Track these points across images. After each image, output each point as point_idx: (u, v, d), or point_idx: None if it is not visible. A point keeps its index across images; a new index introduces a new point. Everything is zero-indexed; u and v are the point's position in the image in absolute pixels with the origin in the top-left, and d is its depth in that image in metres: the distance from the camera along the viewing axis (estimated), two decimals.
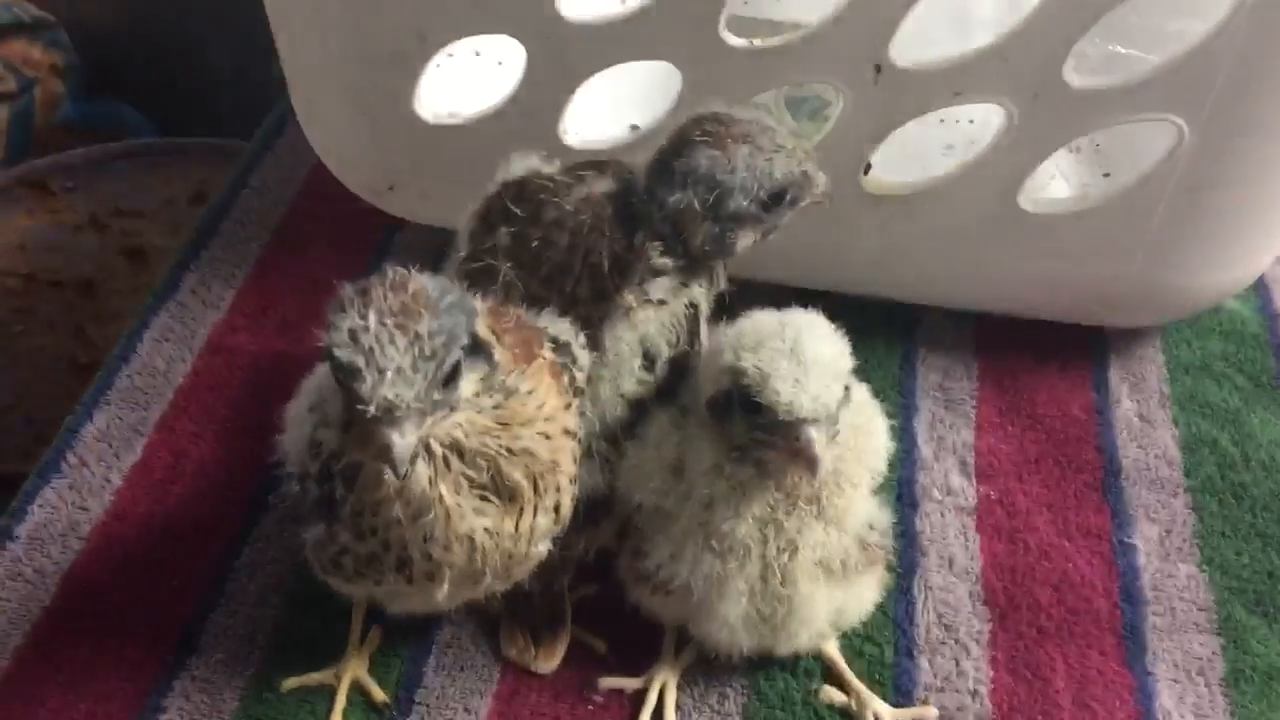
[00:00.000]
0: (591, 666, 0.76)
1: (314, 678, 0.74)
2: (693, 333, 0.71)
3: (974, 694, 0.75)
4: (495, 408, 0.59)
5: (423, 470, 0.58)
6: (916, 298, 0.97)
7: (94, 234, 1.49)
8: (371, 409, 0.52)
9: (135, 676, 0.75)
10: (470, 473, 0.59)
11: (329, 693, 0.74)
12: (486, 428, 0.59)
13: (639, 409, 0.70)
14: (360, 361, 0.52)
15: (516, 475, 0.61)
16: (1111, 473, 0.88)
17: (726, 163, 0.69)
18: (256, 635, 0.77)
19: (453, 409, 0.57)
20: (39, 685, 0.74)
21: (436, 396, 0.55)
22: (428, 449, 0.58)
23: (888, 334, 0.97)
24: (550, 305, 0.68)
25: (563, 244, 0.69)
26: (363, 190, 0.98)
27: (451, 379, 0.55)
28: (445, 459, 0.58)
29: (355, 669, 0.75)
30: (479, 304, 0.60)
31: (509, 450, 0.60)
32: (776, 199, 0.71)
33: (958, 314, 0.98)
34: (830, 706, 0.74)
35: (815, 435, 0.62)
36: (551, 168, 0.75)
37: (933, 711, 0.74)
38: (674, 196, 0.69)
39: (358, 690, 0.74)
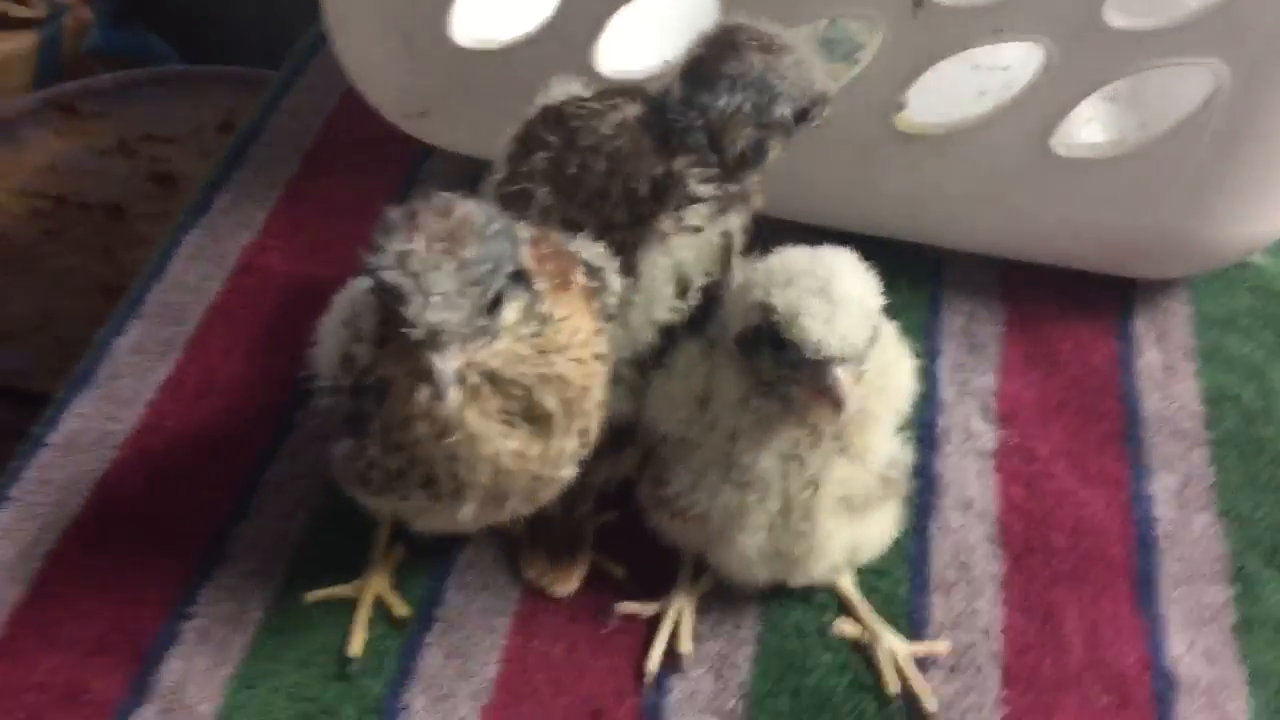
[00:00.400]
0: (609, 592, 0.77)
1: (337, 591, 0.76)
2: (725, 263, 0.71)
3: (986, 633, 0.76)
4: (534, 336, 0.59)
5: (454, 396, 0.57)
6: (944, 241, 0.97)
7: (122, 158, 1.49)
8: (418, 333, 0.53)
9: (163, 584, 0.76)
10: (501, 401, 0.60)
11: (351, 606, 0.75)
12: (523, 356, 0.59)
13: (669, 337, 0.71)
14: (408, 285, 0.53)
15: (550, 402, 0.61)
16: (1133, 422, 0.88)
17: (777, 68, 0.69)
18: (282, 548, 0.78)
19: (494, 337, 0.57)
20: (69, 588, 0.75)
21: (481, 323, 0.55)
22: (462, 379, 0.58)
23: (913, 276, 0.96)
24: (586, 230, 0.68)
25: (600, 169, 0.69)
26: (395, 115, 0.98)
27: (496, 305, 0.56)
28: (476, 387, 0.59)
29: (378, 584, 0.76)
30: (523, 232, 0.60)
31: (543, 377, 0.60)
32: (805, 112, 0.71)
33: (984, 258, 0.97)
34: (843, 638, 0.75)
35: (842, 375, 0.61)
36: (591, 93, 0.74)
37: (945, 646, 0.75)
38: (722, 100, 0.69)
39: (380, 605, 0.76)
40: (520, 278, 0.58)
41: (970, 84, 1.03)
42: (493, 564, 0.78)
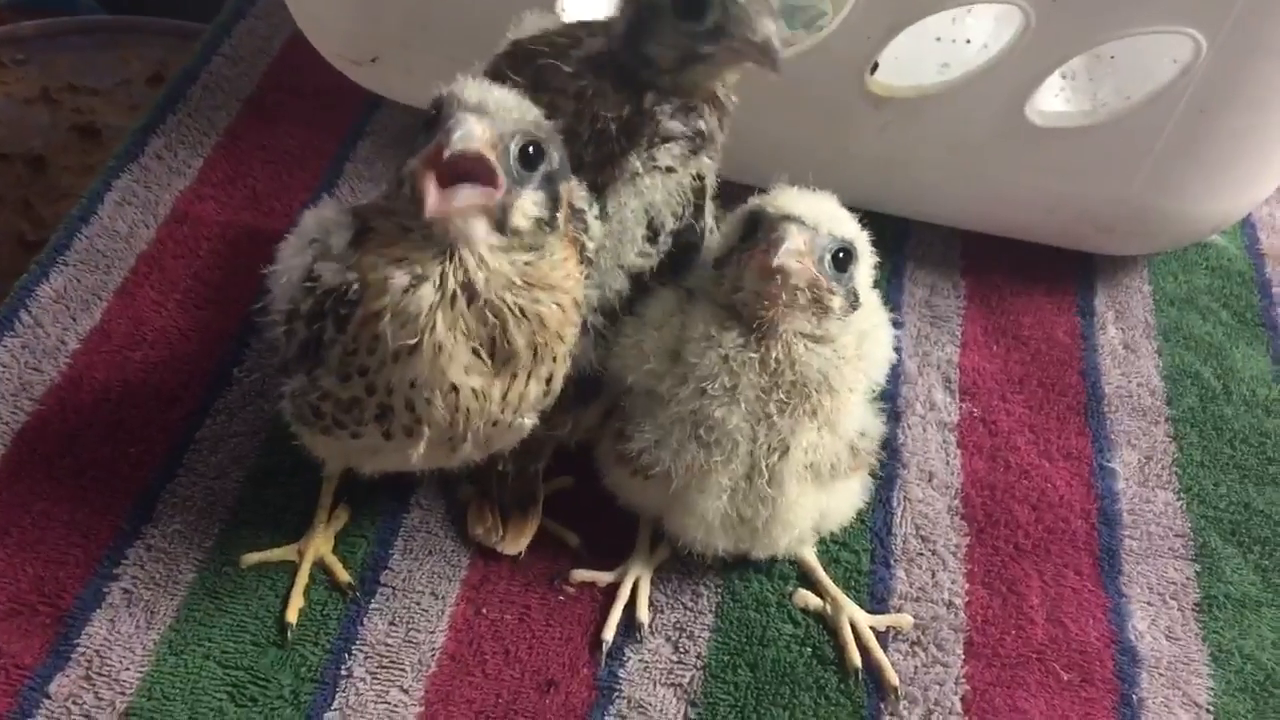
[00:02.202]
0: (564, 559, 0.74)
1: (276, 554, 0.72)
2: (698, 206, 0.69)
3: (949, 605, 0.74)
4: (526, 264, 0.59)
5: (428, 294, 0.57)
6: (910, 211, 0.95)
7: (45, 109, 1.41)
8: (466, 95, 0.56)
9: (86, 543, 0.71)
10: (473, 322, 0.58)
11: (291, 570, 0.71)
12: (509, 282, 0.58)
13: (638, 283, 0.68)
14: (472, 85, 0.57)
15: (520, 341, 0.59)
16: (1094, 398, 0.87)
17: None
18: (216, 508, 0.74)
19: (509, 210, 0.57)
20: None
21: (514, 163, 0.56)
22: (441, 278, 0.57)
23: (877, 248, 0.93)
24: None
25: (569, 110, 0.66)
26: (342, 62, 0.93)
27: (533, 164, 0.57)
28: (454, 295, 0.57)
29: (320, 547, 0.72)
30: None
31: (522, 311, 0.59)
32: (718, 28, 0.65)
33: (946, 231, 0.96)
34: (805, 610, 0.73)
35: (795, 233, 0.63)
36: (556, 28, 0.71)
37: (908, 619, 0.73)
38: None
39: (321, 569, 0.72)
40: (553, 187, 0.58)
41: (933, 57, 1.02)
42: (440, 529, 0.75)
